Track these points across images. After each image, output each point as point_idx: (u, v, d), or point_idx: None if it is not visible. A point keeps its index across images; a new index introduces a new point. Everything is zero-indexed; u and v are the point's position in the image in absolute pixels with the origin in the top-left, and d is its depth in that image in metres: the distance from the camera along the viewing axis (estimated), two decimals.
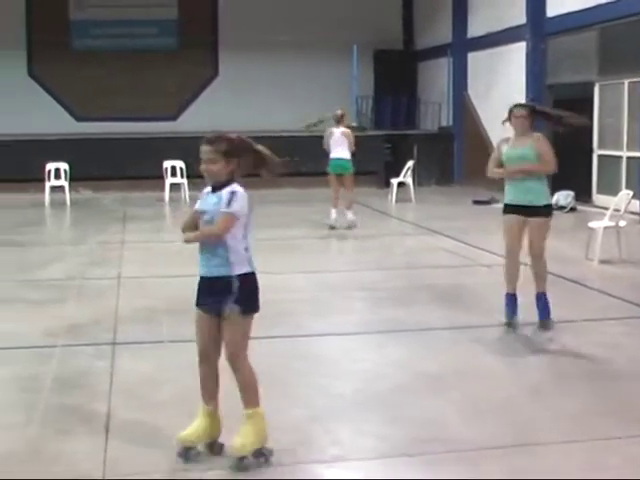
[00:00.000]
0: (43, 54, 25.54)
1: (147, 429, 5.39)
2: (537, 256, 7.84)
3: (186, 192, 19.04)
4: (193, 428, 4.92)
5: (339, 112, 14.69)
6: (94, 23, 25.87)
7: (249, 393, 4.89)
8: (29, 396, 6.06)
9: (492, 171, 7.97)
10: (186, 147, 20.47)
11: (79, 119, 25.53)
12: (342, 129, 14.56)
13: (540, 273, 7.88)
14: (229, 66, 25.99)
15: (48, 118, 24.57)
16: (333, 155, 14.39)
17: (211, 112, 24.67)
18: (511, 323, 7.88)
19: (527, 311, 7.89)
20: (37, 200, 18.92)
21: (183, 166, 19.39)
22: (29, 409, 5.76)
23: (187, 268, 7.84)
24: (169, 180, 19.49)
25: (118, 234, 14.15)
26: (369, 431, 5.41)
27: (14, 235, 14.23)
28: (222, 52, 26.38)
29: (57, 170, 19.33)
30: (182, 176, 19.37)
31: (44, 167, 19.19)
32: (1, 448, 5.09)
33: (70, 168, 19.30)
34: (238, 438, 4.83)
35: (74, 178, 19.40)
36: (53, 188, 19.14)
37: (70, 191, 19.13)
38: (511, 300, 7.91)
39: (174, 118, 25.83)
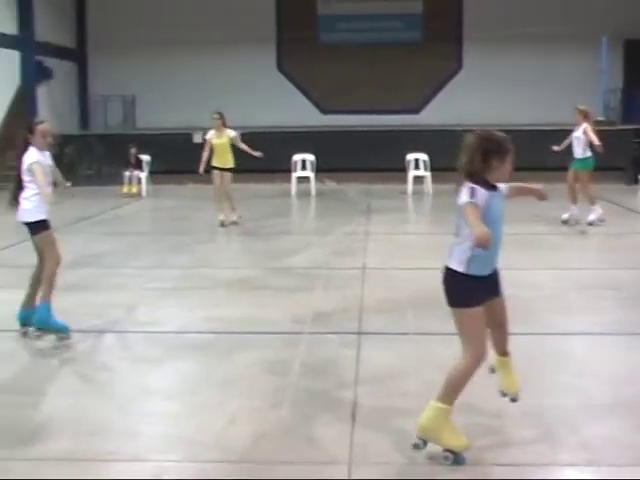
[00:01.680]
0: (291, 49, 26.40)
1: (392, 418, 5.44)
2: None
3: (429, 185, 19.06)
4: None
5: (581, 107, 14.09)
6: (340, 17, 26.41)
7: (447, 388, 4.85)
8: (279, 380, 6.28)
9: None
10: (429, 140, 20.67)
11: (325, 112, 26.17)
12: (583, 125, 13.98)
13: None
14: (473, 59, 25.74)
15: (296, 111, 25.37)
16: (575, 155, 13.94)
17: (454, 106, 24.59)
18: None
19: None
20: (284, 190, 19.61)
21: (426, 159, 19.43)
22: (279, 393, 5.96)
23: (430, 261, 7.86)
24: (412, 173, 19.58)
25: (362, 225, 14.39)
26: (618, 436, 5.19)
27: (263, 224, 14.84)
28: (466, 45, 26.16)
29: (303, 161, 19.94)
30: (426, 169, 19.42)
31: (291, 158, 19.84)
32: (256, 428, 5.30)
33: (316, 159, 19.85)
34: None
35: (319, 169, 19.94)
36: (299, 179, 19.76)
37: (315, 182, 19.68)
38: None
39: (417, 111, 25.92)
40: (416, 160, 19.71)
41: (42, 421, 5.43)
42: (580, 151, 13.81)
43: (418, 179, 19.42)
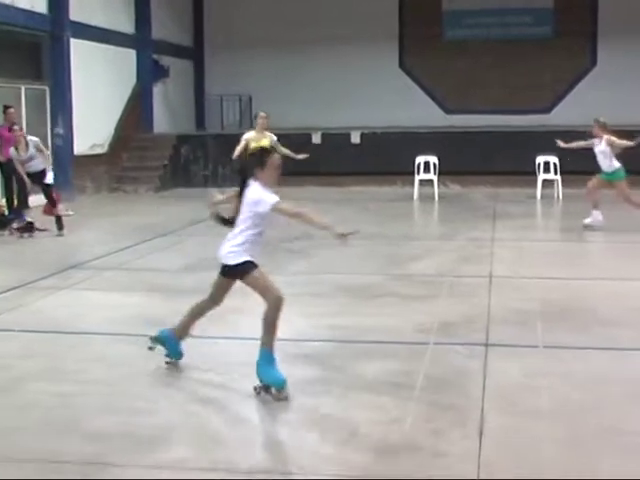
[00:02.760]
0: (414, 46, 26.35)
1: (523, 437, 5.35)
2: None
3: (559, 189, 18.72)
4: None
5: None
6: (466, 13, 26.21)
7: None
8: (402, 392, 6.25)
9: None
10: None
11: (448, 112, 26.01)
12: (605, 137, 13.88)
13: None
14: (609, 56, 25.17)
15: (418, 111, 25.30)
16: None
17: (587, 105, 24.01)
18: None
19: None
20: (406, 193, 19.57)
21: (557, 162, 19.08)
22: (402, 406, 5.93)
23: (561, 270, 7.72)
24: (541, 176, 19.25)
25: (488, 231, 14.24)
26: None
27: (384, 228, 14.84)
28: (601, 41, 25.59)
29: (426, 163, 19.84)
30: (556, 172, 19.07)
31: (414, 160, 19.77)
32: (378, 443, 5.28)
33: (439, 161, 19.73)
34: None
35: (442, 172, 19.81)
36: (422, 182, 19.67)
37: (439, 185, 19.57)
38: None
39: (547, 111, 25.50)
40: (546, 163, 19.37)
41: (160, 428, 5.55)
42: (607, 164, 13.89)
43: (548, 183, 19.08)
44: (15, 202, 15.61)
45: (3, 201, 15.62)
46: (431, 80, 26.43)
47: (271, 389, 6.12)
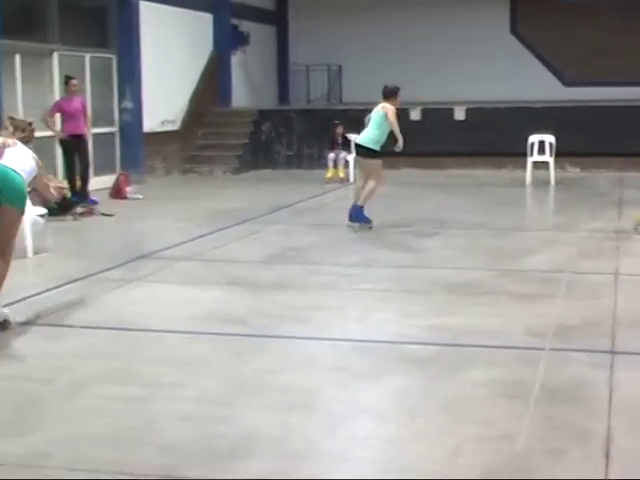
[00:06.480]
0: (529, 9, 26.07)
1: None
2: None
3: None
4: None
5: None
6: None
7: None
8: (513, 405, 6.18)
9: None
10: None
11: (567, 84, 25.72)
12: None
13: None
14: None
15: (532, 83, 25.06)
16: None
17: None
18: None
19: None
20: (517, 178, 19.38)
21: None
22: (513, 420, 5.86)
23: None
24: None
25: (613, 221, 14.08)
26: None
27: (491, 217, 14.75)
28: None
29: (541, 143, 19.58)
30: None
31: (526, 139, 19.54)
32: (485, 462, 5.23)
33: (556, 141, 19.46)
34: None
35: (559, 153, 19.54)
36: (535, 164, 19.44)
37: (555, 168, 19.31)
38: None
39: None
40: None
41: (240, 438, 5.59)
42: None
43: None
44: (78, 184, 15.92)
45: (65, 182, 15.91)
46: (547, 48, 26.09)
47: None
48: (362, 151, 13.86)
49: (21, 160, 8.04)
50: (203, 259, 11.62)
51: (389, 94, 14.00)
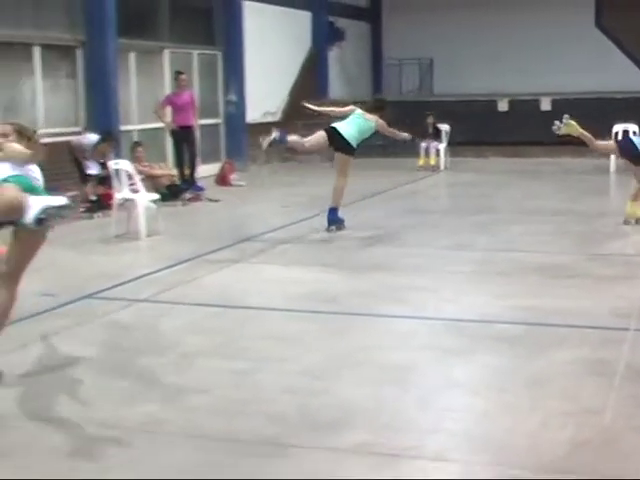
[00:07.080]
0: (614, 2, 25.47)
1: None
2: None
3: None
4: None
5: None
6: None
7: None
8: (598, 382, 6.07)
9: None
10: None
11: None
12: None
13: None
14: None
15: (616, 74, 24.57)
16: None
17: None
18: None
19: None
20: (601, 165, 19.04)
21: None
22: (598, 397, 5.78)
23: None
24: None
25: None
26: None
27: (576, 204, 14.61)
28: None
29: (625, 132, 19.19)
30: None
31: (610, 129, 19.19)
32: (572, 436, 5.18)
33: None
34: None
35: None
36: None
37: None
38: None
39: None
40: None
41: (337, 410, 5.62)
42: None
43: None
44: (187, 172, 16.15)
45: (175, 170, 16.17)
46: (632, 40, 25.50)
47: None
48: (342, 144, 12.44)
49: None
50: (304, 241, 11.69)
51: (380, 106, 13.03)
